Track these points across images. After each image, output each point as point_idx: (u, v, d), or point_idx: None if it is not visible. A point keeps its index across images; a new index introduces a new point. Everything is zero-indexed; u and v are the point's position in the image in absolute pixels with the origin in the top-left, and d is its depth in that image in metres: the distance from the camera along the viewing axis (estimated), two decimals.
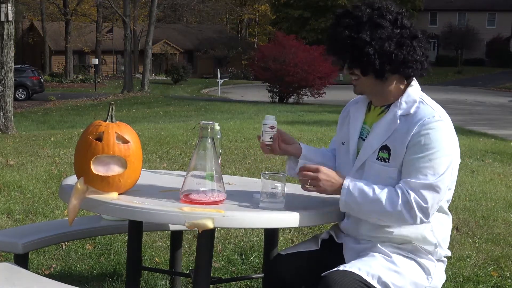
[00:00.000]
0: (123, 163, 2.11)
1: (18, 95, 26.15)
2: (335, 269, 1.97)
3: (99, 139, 2.10)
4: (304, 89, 24.25)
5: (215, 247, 3.90)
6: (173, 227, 3.20)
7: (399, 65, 2.04)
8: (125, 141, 2.13)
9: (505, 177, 7.09)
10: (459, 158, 2.08)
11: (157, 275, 3.41)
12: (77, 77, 39.88)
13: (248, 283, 3.39)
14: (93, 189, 2.11)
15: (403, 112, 2.07)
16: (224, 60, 49.52)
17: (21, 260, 2.71)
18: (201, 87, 36.81)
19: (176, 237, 3.33)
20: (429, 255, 2.12)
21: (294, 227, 4.14)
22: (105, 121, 2.16)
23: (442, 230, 2.14)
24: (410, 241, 2.10)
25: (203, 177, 2.06)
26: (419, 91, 2.12)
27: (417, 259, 2.10)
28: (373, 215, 2.03)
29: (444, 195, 2.01)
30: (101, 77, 40.71)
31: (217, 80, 33.46)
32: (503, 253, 4.04)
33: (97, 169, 2.08)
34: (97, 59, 37.36)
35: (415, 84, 2.13)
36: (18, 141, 9.81)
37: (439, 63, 52.03)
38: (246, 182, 2.62)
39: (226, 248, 4.00)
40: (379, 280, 1.97)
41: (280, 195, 2.08)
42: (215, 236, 3.00)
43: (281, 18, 51.36)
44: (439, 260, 2.16)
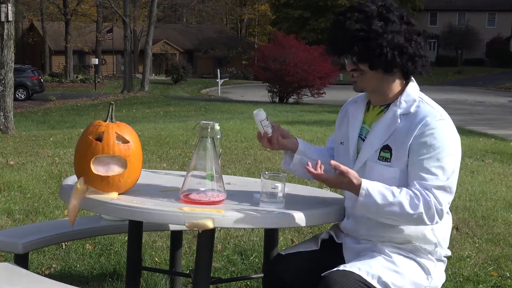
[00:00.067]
0: (123, 163, 2.11)
1: (18, 95, 26.15)
2: (335, 269, 1.97)
3: (99, 139, 2.10)
4: (304, 89, 24.27)
5: (215, 247, 3.90)
6: (173, 227, 3.19)
7: (408, 59, 2.04)
8: (125, 141, 2.13)
9: (505, 177, 7.09)
10: (460, 156, 2.09)
11: (157, 275, 3.41)
12: (77, 77, 39.88)
13: (248, 283, 3.38)
14: (93, 189, 2.11)
15: (403, 111, 2.07)
16: (224, 60, 49.52)
17: (21, 260, 2.71)
18: (201, 87, 36.80)
19: (176, 237, 3.33)
20: (429, 255, 2.12)
21: (294, 227, 4.15)
22: (105, 121, 2.16)
23: (442, 229, 2.14)
24: (410, 240, 2.10)
25: (203, 177, 2.06)
26: (417, 90, 2.12)
27: (417, 259, 2.10)
28: (391, 216, 1.99)
29: (453, 195, 2.02)
30: (101, 77, 40.71)
31: (217, 80, 33.46)
32: (503, 253, 4.04)
33: (97, 169, 2.08)
34: (97, 59, 37.35)
35: (413, 83, 2.13)
36: (18, 141, 9.81)
37: (439, 63, 52.05)
38: (246, 182, 2.62)
39: (226, 248, 4.00)
40: (379, 280, 1.97)
41: (280, 195, 2.08)
42: (215, 236, 3.00)
43: (281, 18, 51.37)
44: (439, 260, 2.16)
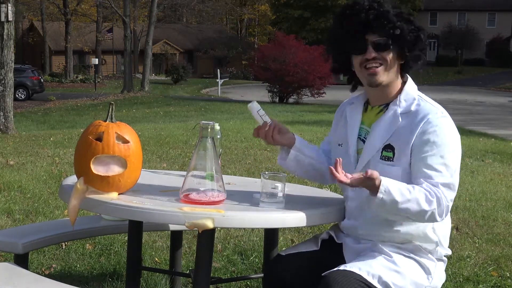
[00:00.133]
0: (123, 163, 2.11)
1: (18, 95, 26.14)
2: (335, 269, 1.97)
3: (99, 139, 2.10)
4: (304, 89, 24.26)
5: (215, 247, 3.90)
6: (173, 227, 3.19)
7: (420, 52, 2.09)
8: (125, 141, 2.13)
9: (505, 177, 7.09)
10: (461, 154, 2.09)
11: (157, 275, 3.40)
12: (77, 77, 39.87)
13: (248, 283, 3.38)
14: (93, 189, 2.10)
15: (403, 110, 2.07)
16: (224, 60, 49.52)
17: (21, 260, 2.71)
18: (201, 87, 36.81)
19: (176, 237, 3.33)
20: (429, 255, 2.12)
21: (294, 227, 4.15)
22: (105, 121, 2.16)
23: (442, 227, 2.14)
24: (411, 240, 2.10)
25: (203, 177, 2.06)
26: (415, 88, 2.13)
27: (417, 258, 2.10)
28: (406, 213, 1.95)
29: (456, 192, 2.03)
30: (101, 77, 40.70)
31: (217, 80, 33.46)
32: (503, 253, 4.04)
33: (97, 169, 2.08)
34: (97, 59, 37.35)
35: (410, 82, 2.14)
36: (18, 141, 9.81)
37: (439, 63, 52.04)
38: (246, 182, 2.62)
39: (226, 248, 4.00)
40: (380, 280, 1.97)
41: (280, 195, 2.08)
42: (215, 236, 3.00)
43: (281, 18, 51.36)
44: (439, 259, 2.16)
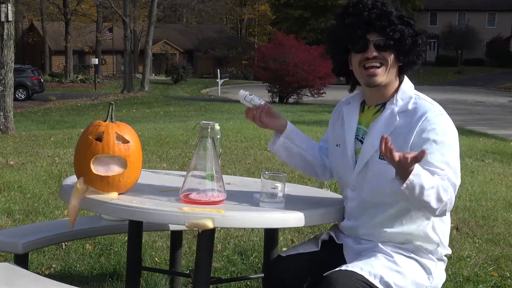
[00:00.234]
0: (123, 163, 2.11)
1: (18, 95, 26.14)
2: (337, 269, 1.97)
3: (99, 139, 2.09)
4: (304, 89, 24.26)
5: (215, 247, 3.90)
6: (173, 227, 3.19)
7: (416, 58, 2.09)
8: (125, 141, 2.12)
9: (505, 177, 7.09)
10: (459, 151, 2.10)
11: (157, 275, 3.40)
12: (77, 77, 39.86)
13: (248, 283, 3.38)
14: (93, 189, 2.10)
15: (400, 109, 2.07)
16: (224, 60, 49.52)
17: (21, 260, 2.71)
18: (201, 87, 36.81)
19: (176, 237, 3.33)
20: (430, 255, 2.12)
21: (294, 227, 4.15)
22: (105, 121, 2.15)
23: (442, 226, 2.14)
24: (412, 240, 2.10)
25: (203, 177, 2.06)
26: (412, 87, 2.13)
27: (418, 259, 2.10)
28: (428, 199, 1.90)
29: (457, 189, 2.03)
30: (101, 77, 40.70)
31: (217, 80, 33.46)
32: (503, 253, 4.04)
33: (97, 169, 2.08)
34: (97, 59, 37.34)
35: (406, 80, 2.14)
36: (18, 141, 9.81)
37: (439, 63, 52.05)
38: (246, 182, 2.62)
39: (226, 248, 4.00)
40: (381, 280, 1.97)
41: (280, 195, 2.08)
42: (215, 236, 3.00)
43: (281, 18, 51.38)
44: (439, 259, 2.16)
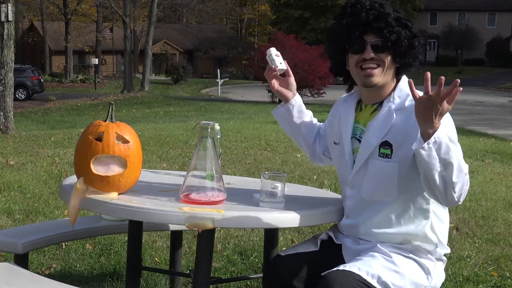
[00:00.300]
0: (123, 163, 2.11)
1: (18, 95, 26.14)
2: (335, 268, 1.97)
3: (99, 139, 2.10)
4: (304, 89, 24.24)
5: (215, 247, 3.90)
6: (173, 227, 3.19)
7: (412, 61, 2.10)
8: (125, 141, 2.13)
9: (505, 177, 7.09)
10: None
11: (157, 275, 3.41)
12: (77, 77, 39.85)
13: (248, 283, 3.39)
14: (93, 189, 2.11)
15: (397, 106, 2.08)
16: (224, 60, 49.51)
17: (21, 260, 2.71)
18: (201, 87, 36.80)
19: (176, 237, 3.33)
20: (428, 255, 2.12)
21: (294, 227, 4.15)
22: (105, 121, 2.16)
23: (441, 226, 2.14)
24: (410, 240, 2.10)
25: (203, 177, 2.06)
26: None
27: (416, 259, 2.10)
28: (453, 162, 1.82)
29: None
30: (101, 77, 40.69)
31: (217, 80, 33.45)
32: (503, 253, 4.04)
33: (97, 169, 2.08)
34: (97, 59, 37.32)
35: (405, 79, 2.15)
36: (18, 141, 9.81)
37: (439, 63, 52.01)
38: (246, 182, 2.62)
39: (226, 248, 4.00)
40: (379, 280, 1.97)
41: (280, 195, 2.09)
42: (215, 236, 3.00)
43: (281, 18, 51.35)
44: (438, 259, 2.16)
